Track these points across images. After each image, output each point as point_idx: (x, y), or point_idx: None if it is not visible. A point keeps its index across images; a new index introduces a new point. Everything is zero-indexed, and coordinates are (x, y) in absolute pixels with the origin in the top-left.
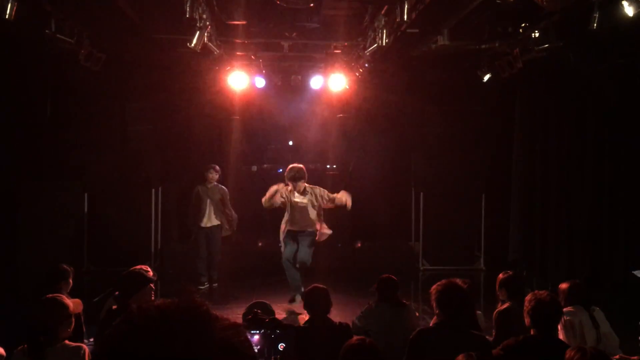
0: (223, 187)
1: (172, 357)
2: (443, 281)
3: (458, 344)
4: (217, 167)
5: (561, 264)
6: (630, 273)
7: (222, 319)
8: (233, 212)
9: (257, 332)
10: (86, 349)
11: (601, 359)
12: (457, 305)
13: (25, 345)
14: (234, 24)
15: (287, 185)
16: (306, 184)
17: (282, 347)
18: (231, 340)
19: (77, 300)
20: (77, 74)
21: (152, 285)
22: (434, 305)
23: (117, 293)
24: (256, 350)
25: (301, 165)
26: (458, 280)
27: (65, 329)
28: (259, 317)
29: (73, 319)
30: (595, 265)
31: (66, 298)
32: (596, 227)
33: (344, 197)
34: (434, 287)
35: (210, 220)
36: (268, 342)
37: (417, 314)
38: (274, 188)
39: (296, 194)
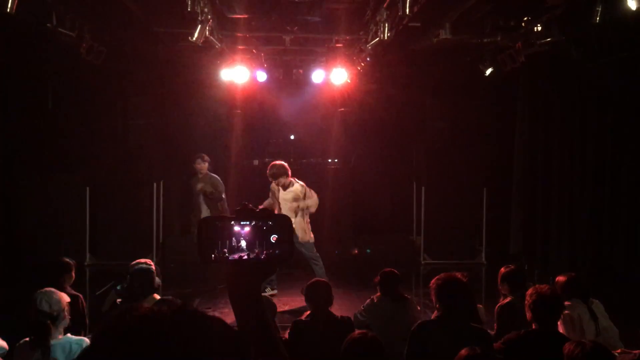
0: (215, 176)
1: None
2: (442, 275)
3: (458, 337)
4: (206, 156)
5: (563, 257)
6: (632, 265)
7: (215, 321)
8: (225, 207)
9: (248, 223)
10: (88, 342)
11: (600, 352)
12: (457, 298)
13: (28, 339)
14: (236, 18)
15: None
16: (292, 179)
17: (274, 239)
18: (223, 345)
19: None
20: (78, 68)
21: (155, 295)
22: (434, 299)
23: (118, 287)
24: (246, 243)
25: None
26: (457, 274)
27: (61, 322)
28: (249, 208)
29: (67, 312)
30: (597, 258)
31: (57, 291)
32: (598, 220)
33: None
34: (433, 280)
35: (207, 212)
36: (259, 234)
37: (418, 307)
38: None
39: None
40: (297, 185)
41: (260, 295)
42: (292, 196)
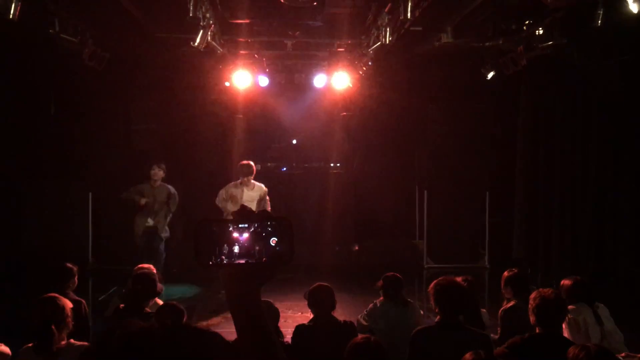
0: (171, 188)
1: None
2: (441, 279)
3: (458, 342)
4: (163, 165)
5: (566, 260)
6: (635, 269)
7: (209, 336)
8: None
9: (246, 226)
10: None
11: (605, 356)
12: (456, 303)
13: (31, 344)
14: (238, 23)
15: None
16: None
17: (274, 241)
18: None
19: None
20: (81, 73)
21: (158, 300)
22: (433, 304)
23: (124, 291)
24: (245, 246)
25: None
26: (457, 278)
27: (64, 328)
28: (247, 210)
29: (70, 318)
30: (599, 261)
31: (60, 296)
32: (600, 223)
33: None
34: (431, 285)
35: (155, 221)
36: (259, 237)
37: (421, 312)
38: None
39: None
40: (262, 186)
41: (260, 300)
42: (259, 194)
